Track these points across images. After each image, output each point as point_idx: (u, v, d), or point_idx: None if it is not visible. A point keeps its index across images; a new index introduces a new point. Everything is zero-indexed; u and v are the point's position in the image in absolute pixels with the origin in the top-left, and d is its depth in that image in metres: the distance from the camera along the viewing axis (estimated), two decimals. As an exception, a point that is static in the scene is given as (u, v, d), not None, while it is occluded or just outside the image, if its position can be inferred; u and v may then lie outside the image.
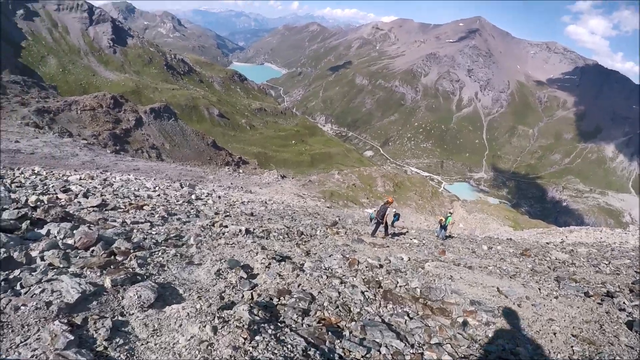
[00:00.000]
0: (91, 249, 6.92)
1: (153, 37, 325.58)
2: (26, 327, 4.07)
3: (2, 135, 36.25)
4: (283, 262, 8.26)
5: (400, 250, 14.14)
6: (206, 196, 23.64)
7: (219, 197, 25.09)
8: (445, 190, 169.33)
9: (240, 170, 69.32)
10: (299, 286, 7.19)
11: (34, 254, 6.23)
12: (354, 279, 8.29)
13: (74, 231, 7.65)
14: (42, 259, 6.12)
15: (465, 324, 6.78)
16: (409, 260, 11.58)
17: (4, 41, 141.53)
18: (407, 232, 22.83)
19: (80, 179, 20.60)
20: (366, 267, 9.47)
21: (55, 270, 5.66)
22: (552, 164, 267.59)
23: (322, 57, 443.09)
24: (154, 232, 9.48)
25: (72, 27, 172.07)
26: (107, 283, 5.40)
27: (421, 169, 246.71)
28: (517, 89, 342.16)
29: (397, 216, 34.15)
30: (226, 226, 11.85)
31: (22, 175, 18.12)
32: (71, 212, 9.94)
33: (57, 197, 12.84)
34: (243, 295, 6.25)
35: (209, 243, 9.16)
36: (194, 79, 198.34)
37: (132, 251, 7.16)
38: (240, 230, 11.09)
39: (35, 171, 20.61)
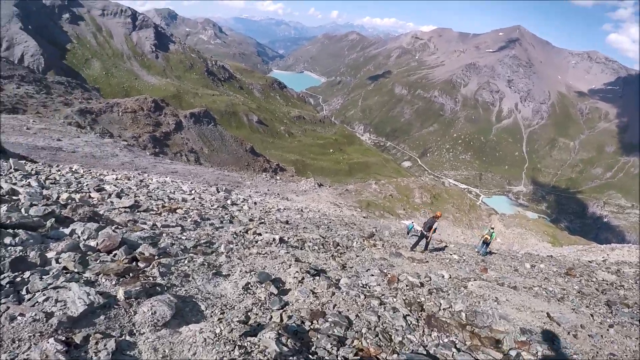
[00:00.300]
0: (113, 252, 6.43)
1: (194, 44, 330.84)
2: (17, 342, 3.51)
3: (45, 133, 36.96)
4: (317, 277, 7.63)
5: (440, 266, 13.32)
6: (242, 202, 23.18)
7: (255, 203, 24.60)
8: (483, 204, 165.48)
9: (278, 177, 69.15)
10: (334, 307, 6.51)
11: (50, 255, 5.74)
12: (394, 299, 7.61)
13: (99, 232, 7.14)
14: (58, 261, 5.62)
15: (518, 357, 5.98)
16: (450, 278, 10.84)
17: (50, 43, 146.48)
18: (446, 246, 21.76)
19: (116, 178, 20.40)
20: (406, 285, 8.75)
21: (67, 275, 5.15)
22: (593, 178, 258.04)
23: (361, 66, 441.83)
24: (183, 237, 9.00)
25: (116, 32, 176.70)
26: (120, 295, 4.80)
27: (459, 181, 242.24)
28: (558, 100, 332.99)
29: (434, 230, 33.22)
30: (260, 234, 11.29)
31: (59, 172, 17.94)
32: (101, 212, 9.60)
33: (89, 195, 12.55)
34: (271, 317, 5.60)
35: (240, 252, 8.66)
36: (234, 86, 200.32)
37: (156, 257, 6.63)
38: (274, 239, 10.51)
39: (73, 169, 20.50)
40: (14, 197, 8.87)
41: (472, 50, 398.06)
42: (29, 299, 4.33)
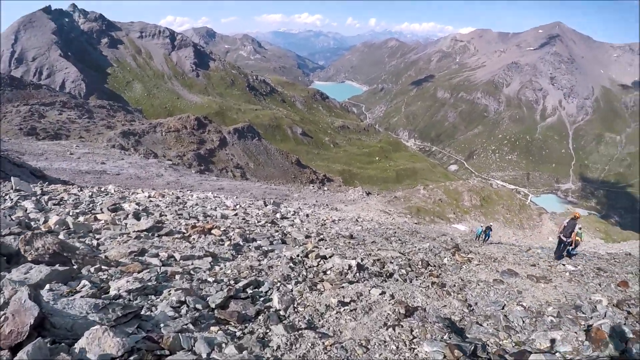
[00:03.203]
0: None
1: (234, 60, 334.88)
2: None
3: (88, 157, 36.87)
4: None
5: (573, 285, 9.67)
6: (292, 214, 20.51)
7: (307, 215, 22.04)
8: (532, 203, 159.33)
9: (325, 188, 68.31)
10: None
11: None
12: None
13: (12, 298, 3.67)
14: None
15: None
16: (615, 306, 7.36)
17: (91, 68, 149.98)
18: (529, 249, 17.95)
19: (149, 196, 17.88)
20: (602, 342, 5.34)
21: None
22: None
23: (402, 73, 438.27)
24: (210, 279, 5.96)
25: (155, 53, 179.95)
26: None
27: (507, 181, 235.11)
28: (602, 94, 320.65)
29: (489, 231, 29.81)
30: (325, 257, 8.20)
31: (80, 192, 15.46)
32: (98, 240, 6.93)
33: (95, 217, 9.67)
34: None
35: (306, 299, 5.74)
36: (276, 99, 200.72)
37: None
38: (350, 267, 7.33)
39: (102, 189, 18.17)
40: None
41: (513, 50, 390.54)
42: None
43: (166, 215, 11.99)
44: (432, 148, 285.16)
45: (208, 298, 4.96)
